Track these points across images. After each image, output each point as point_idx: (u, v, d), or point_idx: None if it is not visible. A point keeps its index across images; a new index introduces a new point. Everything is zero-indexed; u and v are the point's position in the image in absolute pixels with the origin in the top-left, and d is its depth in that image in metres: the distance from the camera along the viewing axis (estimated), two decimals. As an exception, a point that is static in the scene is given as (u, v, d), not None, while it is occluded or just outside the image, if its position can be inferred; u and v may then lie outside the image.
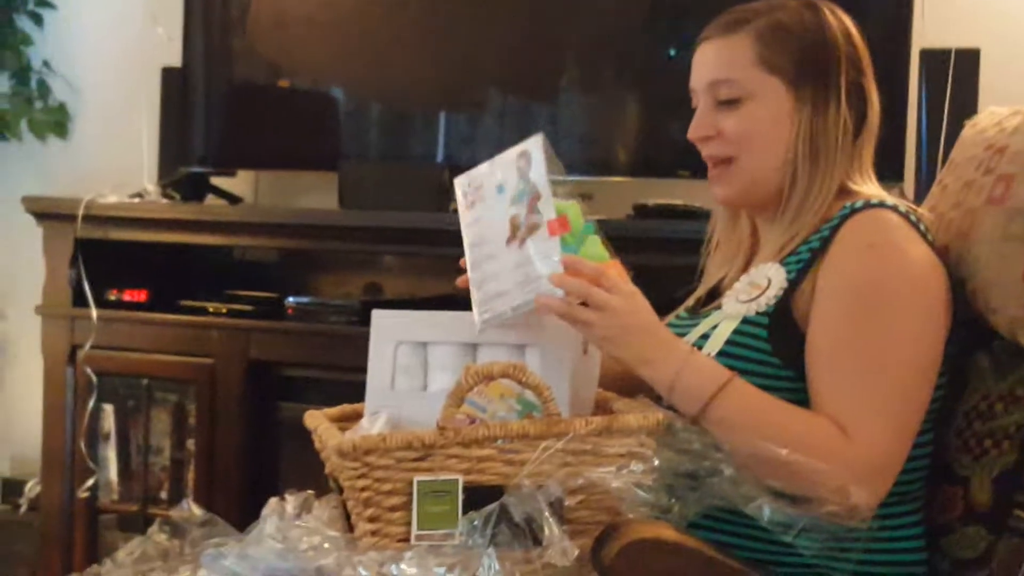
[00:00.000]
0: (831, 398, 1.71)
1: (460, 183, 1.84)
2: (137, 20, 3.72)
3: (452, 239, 3.00)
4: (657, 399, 1.79)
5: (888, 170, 1.95)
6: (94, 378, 3.36)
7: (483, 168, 1.80)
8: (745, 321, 1.82)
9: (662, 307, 1.88)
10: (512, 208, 1.73)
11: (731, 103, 1.87)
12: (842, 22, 1.89)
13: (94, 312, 3.32)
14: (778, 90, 1.85)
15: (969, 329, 1.88)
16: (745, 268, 1.95)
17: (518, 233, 1.72)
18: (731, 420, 1.68)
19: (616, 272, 1.73)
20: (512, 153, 1.76)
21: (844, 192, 1.86)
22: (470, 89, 3.39)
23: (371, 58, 3.49)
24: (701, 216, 2.84)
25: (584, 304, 1.68)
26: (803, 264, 1.81)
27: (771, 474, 1.61)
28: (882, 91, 1.94)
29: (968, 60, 2.83)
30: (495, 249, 1.74)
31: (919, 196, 2.62)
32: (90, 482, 3.38)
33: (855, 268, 1.76)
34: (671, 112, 3.13)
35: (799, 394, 1.75)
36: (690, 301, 2.04)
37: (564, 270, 1.68)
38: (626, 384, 1.90)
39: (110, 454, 3.44)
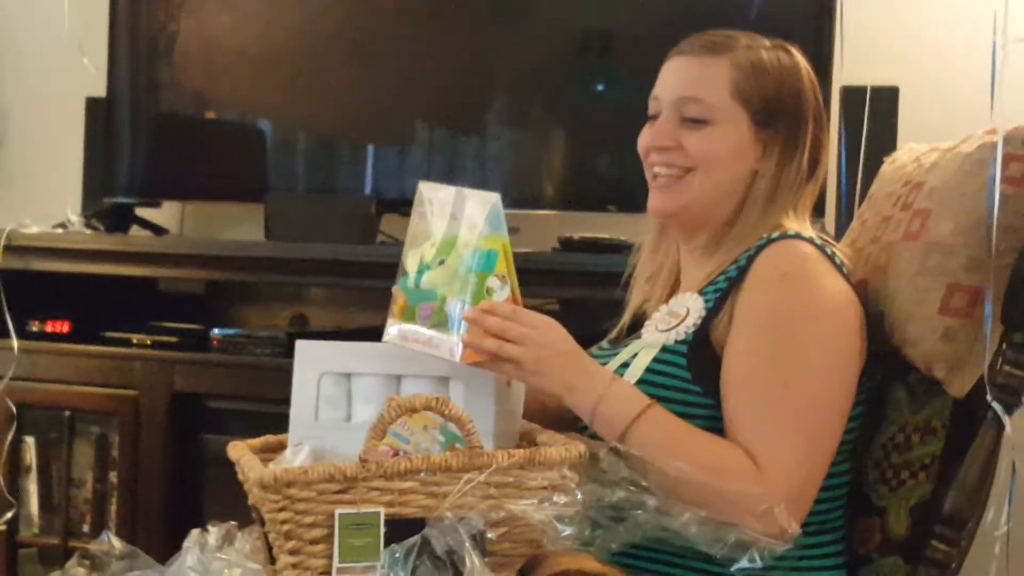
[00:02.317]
0: (743, 427, 1.73)
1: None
2: (62, 49, 3.69)
3: (379, 271, 3.01)
4: (583, 429, 1.80)
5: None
6: (15, 410, 3.31)
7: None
8: (664, 350, 1.84)
9: (587, 340, 1.89)
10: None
11: (697, 122, 1.87)
12: (811, 74, 1.92)
13: (15, 343, 3.28)
14: (743, 123, 1.86)
15: (886, 362, 1.90)
16: (667, 300, 1.96)
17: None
18: (647, 448, 1.68)
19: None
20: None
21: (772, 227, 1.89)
22: (398, 122, 3.39)
23: (299, 90, 3.49)
24: (626, 250, 2.85)
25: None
26: (721, 293, 1.83)
27: (695, 500, 1.62)
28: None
29: (887, 97, 2.87)
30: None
31: (839, 231, 2.65)
32: (9, 515, 3.34)
33: (768, 298, 1.77)
34: (599, 147, 3.17)
35: (718, 422, 1.76)
36: (612, 332, 2.05)
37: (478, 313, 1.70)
38: (552, 416, 1.92)
39: (31, 487, 3.39)
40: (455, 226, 1.75)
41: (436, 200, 1.79)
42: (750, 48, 1.89)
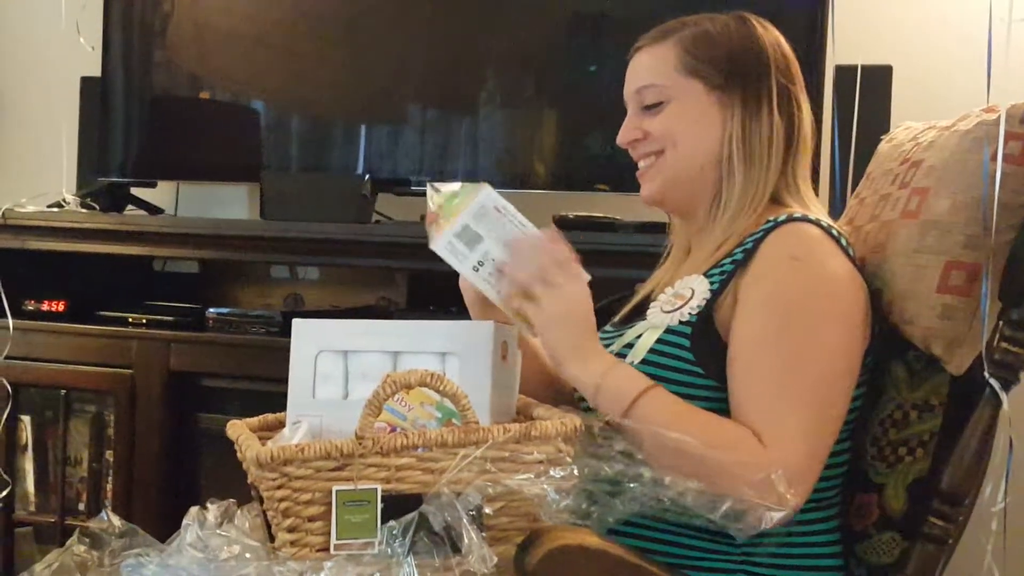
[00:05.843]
0: (749, 406, 1.72)
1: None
2: (58, 29, 3.68)
3: (374, 250, 3.01)
4: (587, 410, 1.81)
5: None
6: (10, 389, 3.31)
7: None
8: (668, 331, 1.84)
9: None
10: None
11: (654, 107, 1.93)
12: (771, 33, 1.94)
13: (11, 322, 3.27)
14: (698, 92, 1.90)
15: (884, 339, 1.90)
16: (672, 280, 1.97)
17: None
18: (651, 423, 1.68)
19: None
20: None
21: (775, 203, 1.90)
22: (391, 102, 3.39)
23: (292, 70, 3.49)
24: (621, 228, 2.86)
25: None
26: (726, 275, 1.83)
27: (692, 472, 1.63)
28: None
29: (881, 76, 2.88)
30: None
31: (833, 209, 2.65)
32: (4, 493, 3.34)
33: (777, 280, 1.78)
34: (591, 126, 3.16)
35: (720, 403, 1.76)
36: (618, 315, 2.06)
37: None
38: (548, 391, 1.92)
39: (27, 465, 3.39)
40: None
41: (443, 189, 1.83)
42: (696, 24, 1.94)
